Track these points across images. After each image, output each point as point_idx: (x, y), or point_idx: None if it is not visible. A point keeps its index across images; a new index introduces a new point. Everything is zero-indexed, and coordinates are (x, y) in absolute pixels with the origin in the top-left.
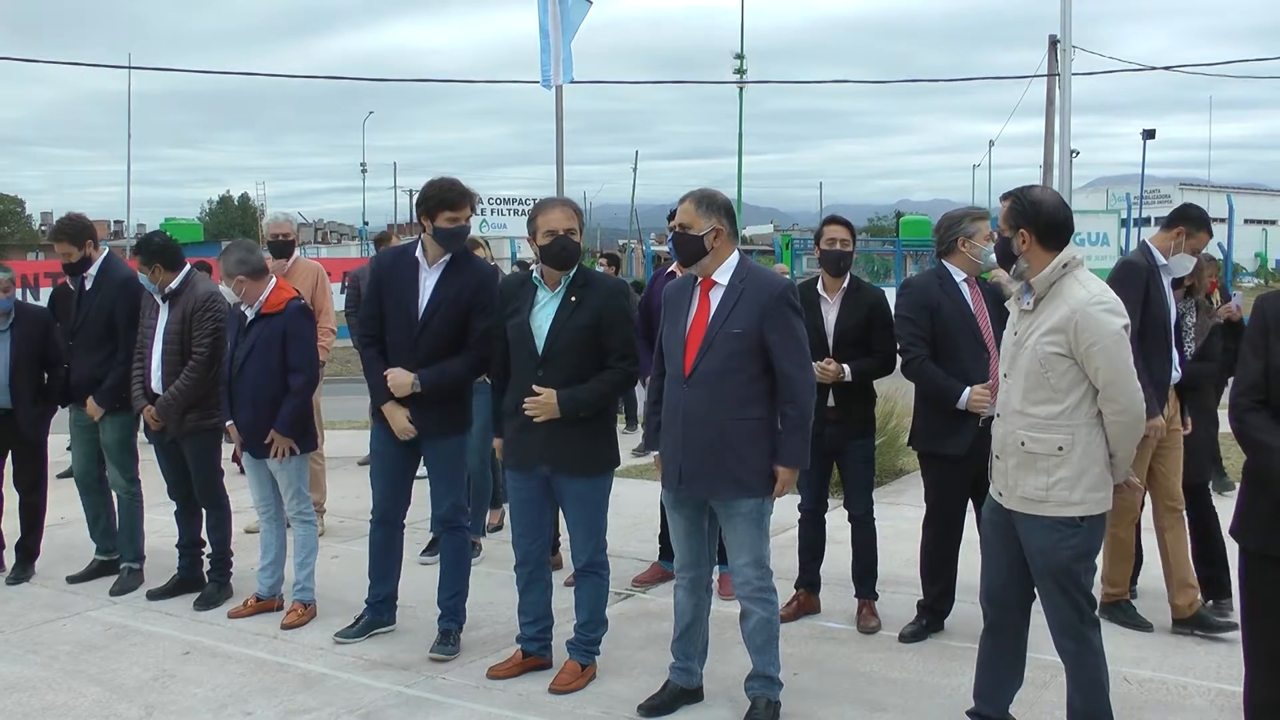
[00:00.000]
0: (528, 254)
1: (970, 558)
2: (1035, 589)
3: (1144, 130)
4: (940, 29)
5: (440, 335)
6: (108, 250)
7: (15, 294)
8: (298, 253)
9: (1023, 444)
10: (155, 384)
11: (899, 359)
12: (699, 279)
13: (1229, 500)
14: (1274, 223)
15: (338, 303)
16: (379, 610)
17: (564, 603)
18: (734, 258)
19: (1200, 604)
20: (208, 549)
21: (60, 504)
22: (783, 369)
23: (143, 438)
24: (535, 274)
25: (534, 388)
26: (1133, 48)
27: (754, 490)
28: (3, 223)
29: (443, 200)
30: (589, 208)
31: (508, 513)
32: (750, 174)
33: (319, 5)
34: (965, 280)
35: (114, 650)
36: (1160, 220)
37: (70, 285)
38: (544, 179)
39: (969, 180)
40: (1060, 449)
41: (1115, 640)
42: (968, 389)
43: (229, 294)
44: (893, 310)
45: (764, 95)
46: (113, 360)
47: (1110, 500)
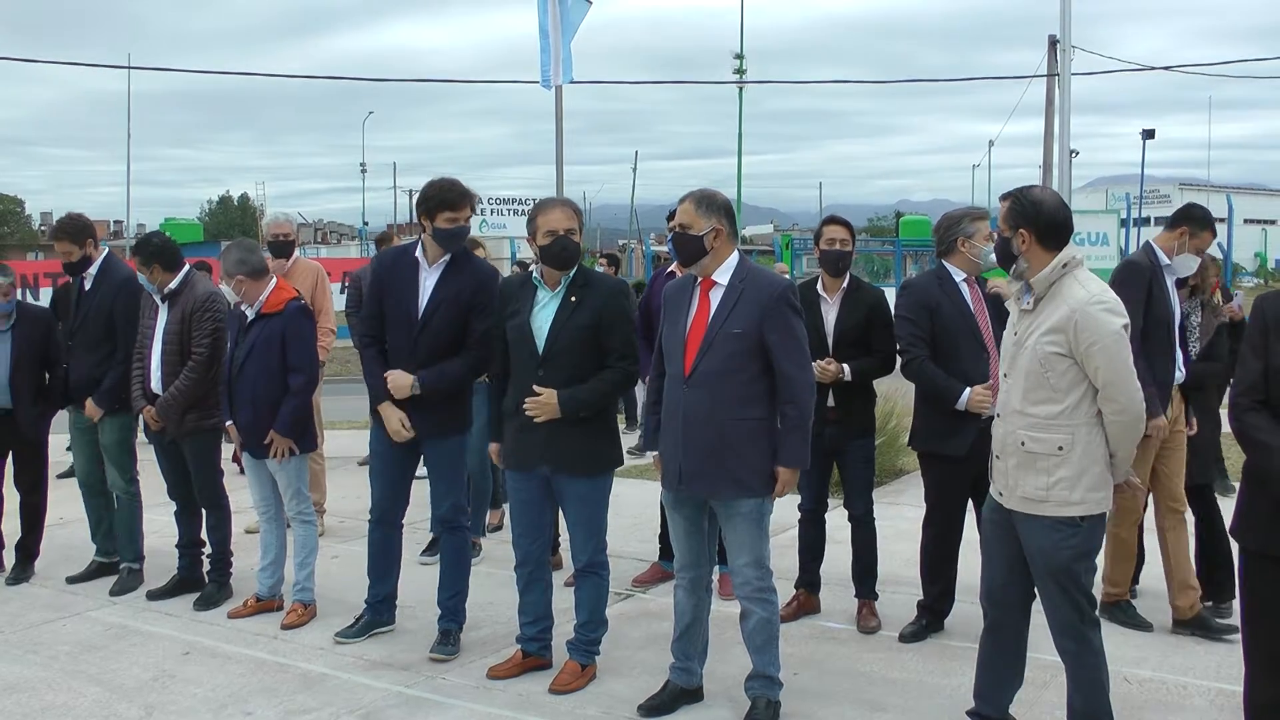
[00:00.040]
0: (527, 254)
1: (970, 558)
2: (1035, 589)
3: (1143, 130)
4: (940, 29)
5: (440, 335)
6: (107, 250)
7: (16, 296)
8: (298, 253)
9: (1023, 444)
10: (155, 384)
11: (899, 359)
12: (699, 279)
13: (1229, 500)
14: (1274, 223)
15: (338, 303)
16: (378, 610)
17: (564, 603)
18: (734, 258)
19: (1201, 605)
20: (207, 549)
21: (60, 504)
22: (782, 369)
23: (143, 438)
24: (535, 274)
25: (534, 388)
26: (1132, 48)
27: (754, 490)
28: (2, 223)
29: (442, 200)
30: (589, 208)
31: (508, 513)
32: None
33: (319, 5)
34: (965, 280)
35: (114, 650)
36: (1160, 220)
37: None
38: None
39: (969, 180)
40: (1060, 449)
41: (1115, 640)
42: (967, 389)
43: (229, 294)
44: (893, 311)
45: (764, 95)
46: (111, 360)
47: (1110, 500)
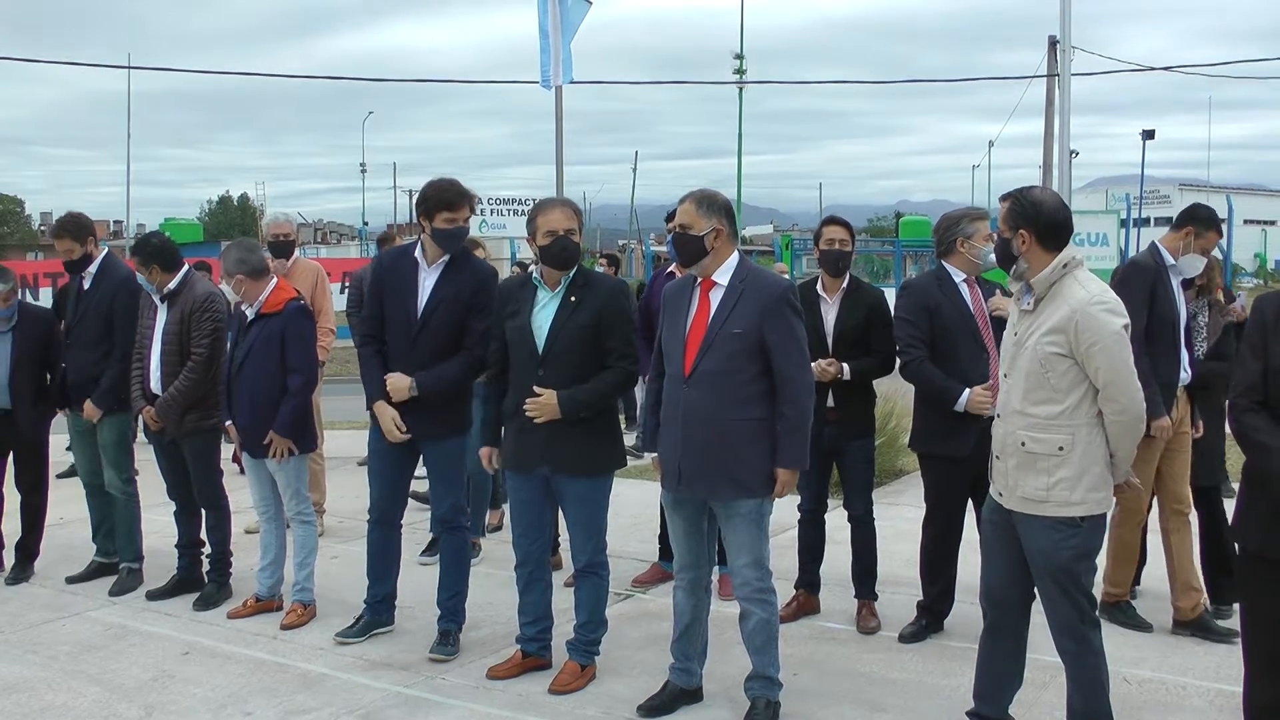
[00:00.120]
0: (527, 254)
1: (970, 558)
2: (1035, 589)
3: (1143, 131)
4: (940, 29)
5: (439, 335)
6: (107, 249)
7: (17, 300)
8: (297, 253)
9: (1023, 444)
10: (154, 384)
11: (898, 360)
12: (699, 279)
13: (1228, 501)
14: (1273, 223)
15: (338, 303)
16: (378, 611)
17: (564, 603)
18: (734, 258)
19: (1204, 608)
20: (207, 549)
21: (59, 504)
22: (781, 370)
23: (142, 438)
24: (535, 275)
25: (534, 389)
26: (1132, 48)
27: (753, 491)
28: (2, 223)
29: (441, 201)
30: (589, 208)
31: (507, 513)
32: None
33: (319, 5)
34: (965, 281)
35: (113, 650)
36: (1160, 221)
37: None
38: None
39: (968, 181)
40: (1061, 449)
41: (1115, 641)
42: (967, 390)
43: (230, 293)
44: (892, 312)
45: (764, 95)
46: (109, 359)
47: (1110, 500)
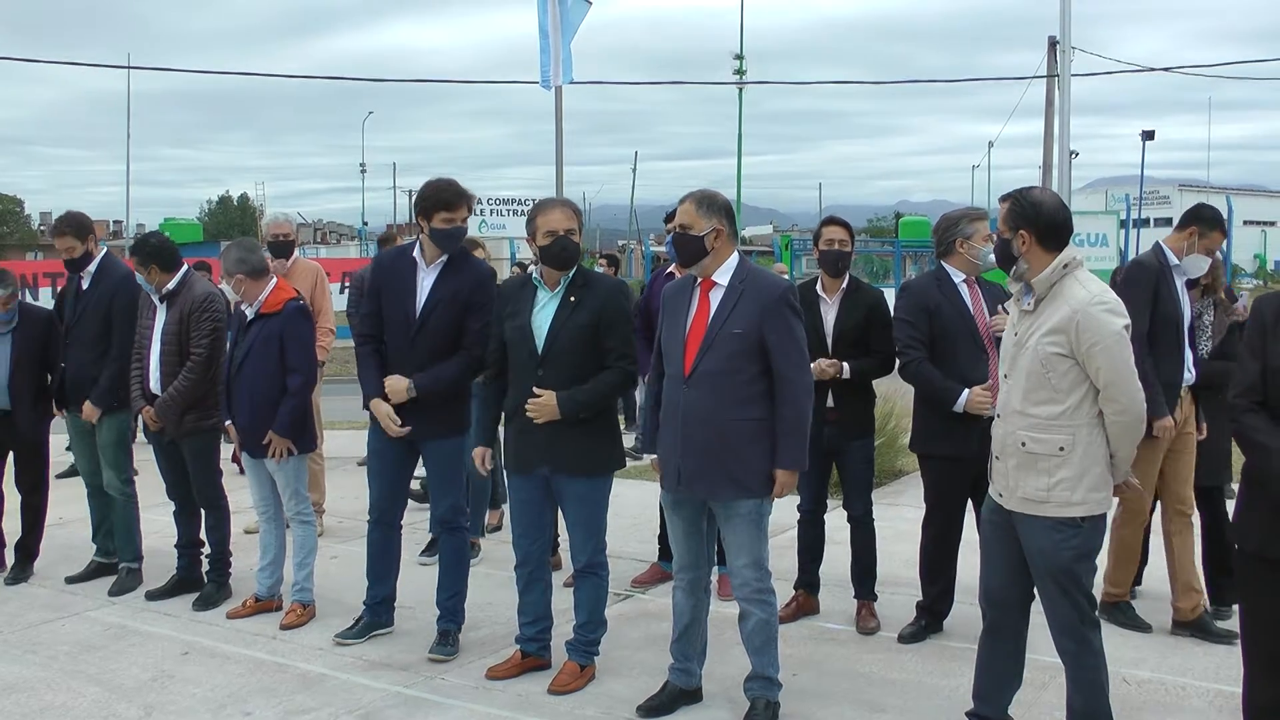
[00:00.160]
0: (527, 254)
1: (970, 558)
2: (1035, 590)
3: (1143, 131)
4: (939, 30)
5: (437, 335)
6: (106, 249)
7: (18, 303)
8: (297, 253)
9: (1023, 444)
10: (154, 384)
11: (898, 360)
12: (698, 280)
13: (1230, 503)
14: (1273, 224)
15: (337, 303)
16: (377, 612)
17: (563, 603)
18: (734, 258)
19: (1203, 609)
20: (206, 549)
21: (59, 504)
22: (780, 370)
23: (142, 438)
24: (535, 275)
25: (534, 389)
26: (1132, 49)
27: (753, 491)
28: (2, 222)
29: (439, 201)
30: (588, 208)
31: (507, 513)
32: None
33: (319, 5)
34: (964, 281)
35: (113, 650)
36: (1160, 222)
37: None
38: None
39: (968, 181)
40: (1061, 449)
41: (1114, 641)
42: (966, 391)
43: (230, 293)
44: (892, 312)
45: (763, 96)
46: (107, 359)
47: (1110, 500)
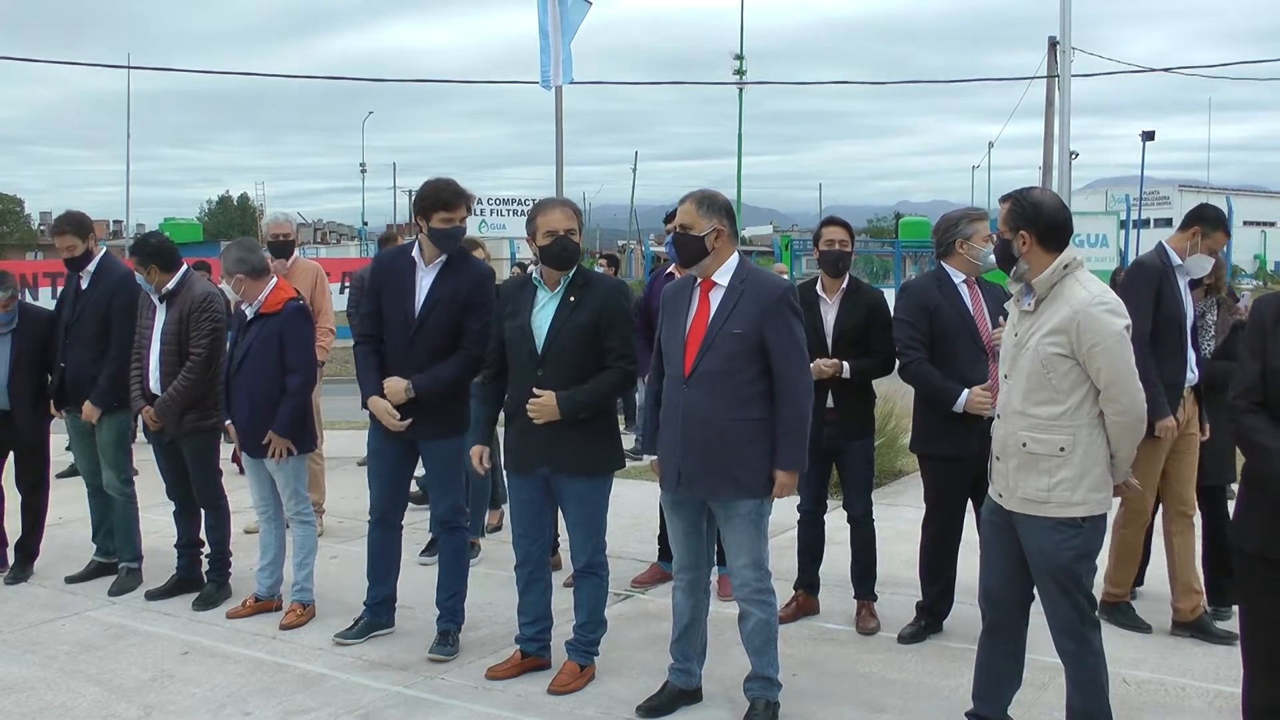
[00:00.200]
0: (527, 254)
1: (969, 559)
2: (1034, 590)
3: (1143, 132)
4: (940, 30)
5: (436, 335)
6: (105, 248)
7: (18, 305)
8: (297, 253)
9: (1024, 445)
10: (153, 384)
11: (898, 361)
12: (698, 280)
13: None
14: (1273, 224)
15: (337, 303)
16: (377, 612)
17: (563, 603)
18: (734, 259)
19: (1203, 609)
20: (206, 549)
21: (59, 504)
22: (780, 371)
23: (142, 438)
24: (535, 275)
25: (534, 390)
26: (1132, 49)
27: (753, 491)
28: (2, 222)
29: (438, 200)
30: (588, 208)
31: (507, 513)
32: (750, 175)
33: (319, 5)
34: (964, 282)
35: (112, 650)
36: (1160, 222)
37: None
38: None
39: (968, 182)
40: (1062, 450)
41: (1114, 642)
42: (966, 391)
43: (230, 293)
44: (892, 313)
45: (764, 96)
46: (106, 358)
47: (1110, 501)
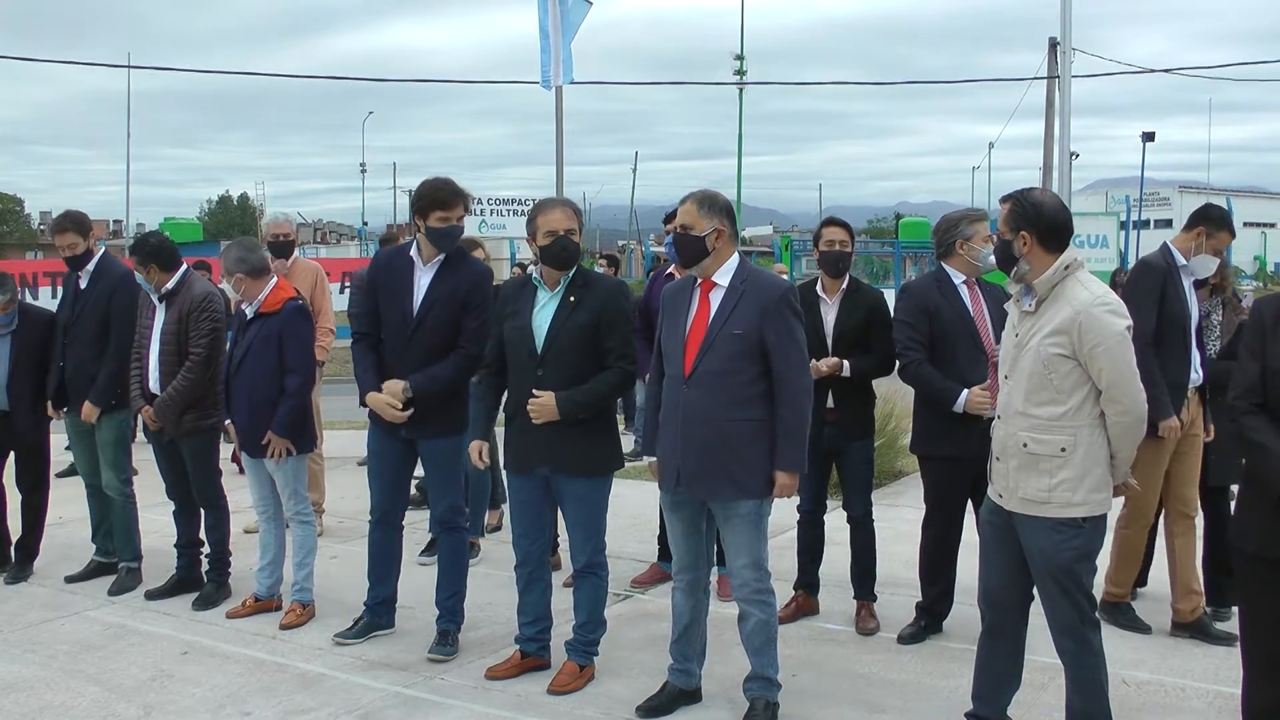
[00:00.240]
0: (527, 254)
1: (969, 560)
2: (1034, 590)
3: (1143, 133)
4: (940, 31)
5: (434, 334)
6: (104, 248)
7: (17, 306)
8: (297, 253)
9: (1025, 445)
10: (153, 384)
11: (898, 362)
12: (699, 280)
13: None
14: (1273, 225)
15: (337, 303)
16: (378, 613)
17: (563, 603)
18: (734, 259)
19: (1203, 610)
20: (206, 549)
21: (58, 504)
22: (779, 372)
23: (142, 438)
24: (535, 275)
25: (533, 391)
26: (1132, 50)
27: (752, 492)
28: (1, 221)
29: (435, 199)
30: (588, 208)
31: (506, 513)
32: (750, 175)
33: (319, 5)
34: (964, 283)
35: (112, 650)
36: (1159, 223)
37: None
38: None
39: (968, 182)
40: (1063, 450)
41: (1114, 642)
42: (965, 391)
43: (231, 292)
44: (892, 313)
45: (764, 97)
46: (105, 357)
47: (1110, 501)
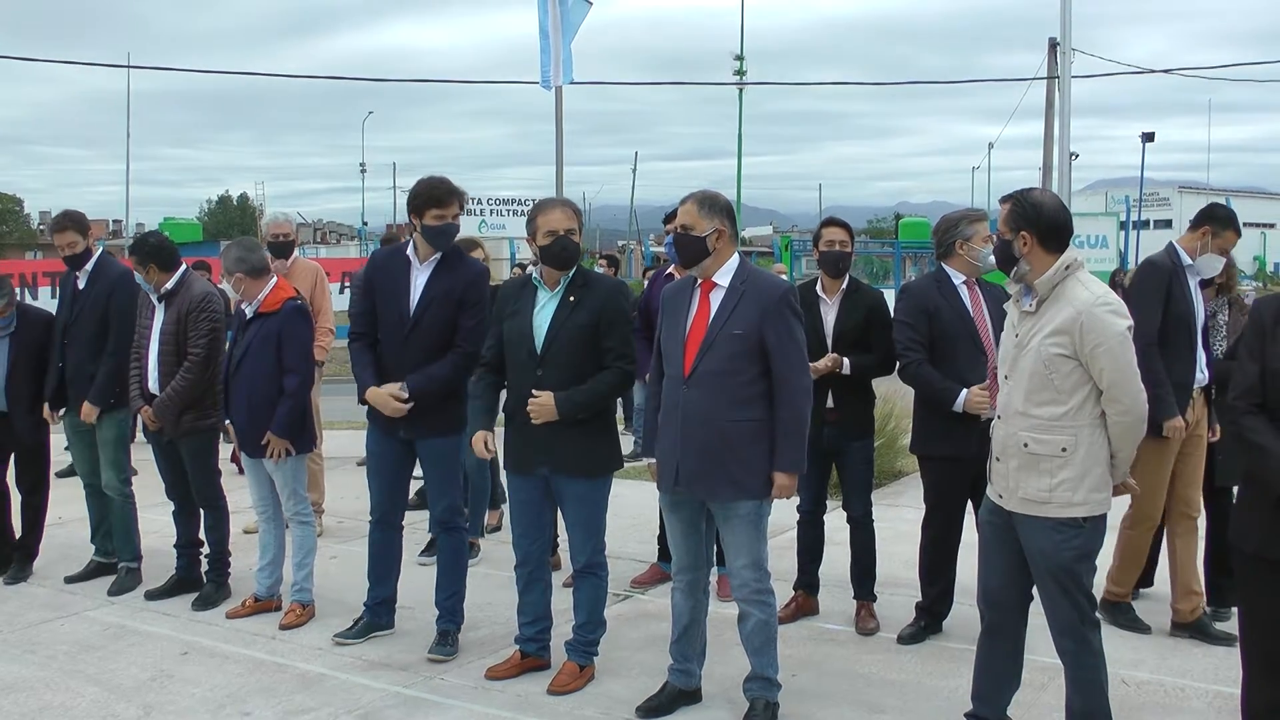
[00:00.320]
0: (527, 254)
1: (969, 560)
2: (1033, 590)
3: (1143, 133)
4: (940, 31)
5: (431, 333)
6: (102, 248)
7: (15, 309)
8: (297, 253)
9: (1025, 445)
10: (152, 384)
11: (898, 362)
12: (699, 280)
13: None
14: (1273, 226)
15: (337, 303)
16: (377, 613)
17: (563, 604)
18: (734, 259)
19: (1202, 610)
20: (206, 549)
21: (58, 504)
22: (779, 372)
23: (142, 438)
24: (535, 275)
25: (532, 391)
26: (1132, 50)
27: (752, 492)
28: (1, 221)
29: (430, 198)
30: (588, 209)
31: (506, 513)
32: (750, 175)
33: (319, 5)
34: (964, 283)
35: (112, 650)
36: (1159, 223)
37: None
38: (544, 179)
39: (968, 182)
40: (1064, 450)
41: (1113, 642)
42: (964, 390)
43: (232, 291)
44: (892, 314)
45: (764, 97)
46: (104, 355)
47: (1110, 501)
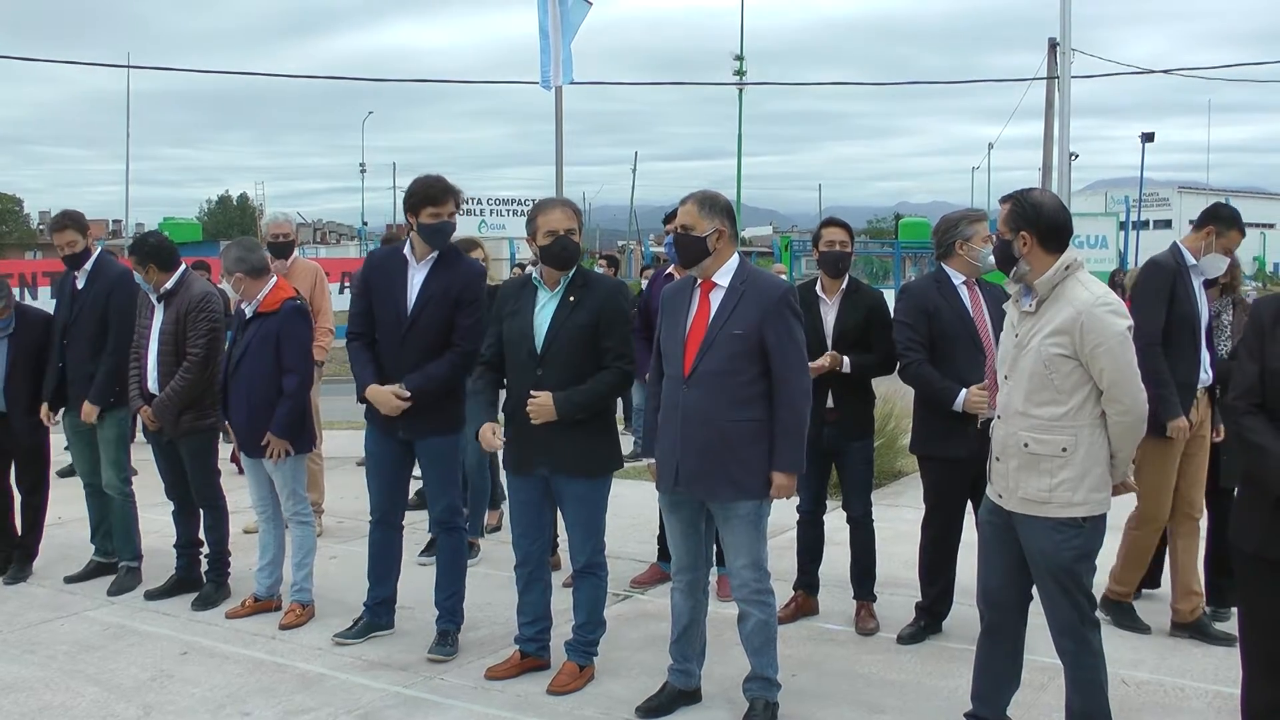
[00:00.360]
0: (527, 254)
1: (969, 560)
2: (1033, 590)
3: (1143, 133)
4: (940, 31)
5: (428, 333)
6: (101, 247)
7: (13, 311)
8: (297, 253)
9: (1025, 445)
10: (152, 384)
11: (898, 362)
12: (699, 281)
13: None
14: (1272, 226)
15: (337, 303)
16: (377, 613)
17: (562, 604)
18: (734, 260)
19: (1203, 611)
20: (205, 549)
21: (57, 504)
22: (779, 373)
23: (141, 437)
24: (535, 275)
25: (532, 391)
26: (1132, 51)
27: (751, 493)
28: (1, 221)
29: (426, 196)
30: (588, 209)
31: (506, 513)
32: (749, 175)
33: (319, 5)
34: (964, 283)
35: (112, 650)
36: (1159, 224)
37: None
38: (544, 180)
39: (968, 183)
40: (1064, 450)
41: (1113, 642)
42: (964, 390)
43: (232, 291)
44: (892, 314)
45: (763, 97)
46: (103, 355)
47: (1110, 501)
